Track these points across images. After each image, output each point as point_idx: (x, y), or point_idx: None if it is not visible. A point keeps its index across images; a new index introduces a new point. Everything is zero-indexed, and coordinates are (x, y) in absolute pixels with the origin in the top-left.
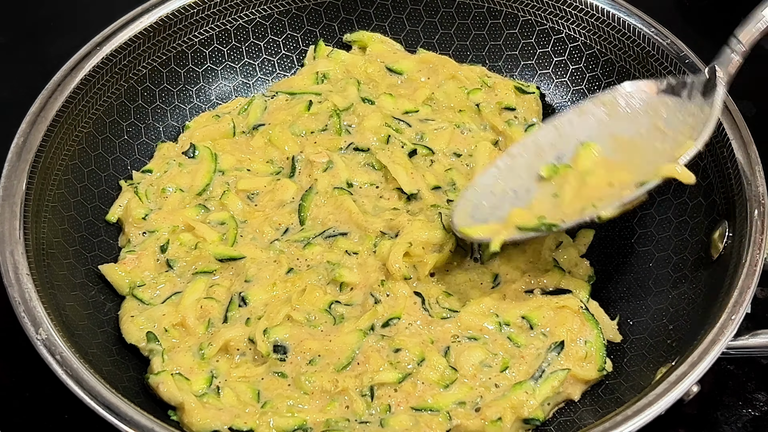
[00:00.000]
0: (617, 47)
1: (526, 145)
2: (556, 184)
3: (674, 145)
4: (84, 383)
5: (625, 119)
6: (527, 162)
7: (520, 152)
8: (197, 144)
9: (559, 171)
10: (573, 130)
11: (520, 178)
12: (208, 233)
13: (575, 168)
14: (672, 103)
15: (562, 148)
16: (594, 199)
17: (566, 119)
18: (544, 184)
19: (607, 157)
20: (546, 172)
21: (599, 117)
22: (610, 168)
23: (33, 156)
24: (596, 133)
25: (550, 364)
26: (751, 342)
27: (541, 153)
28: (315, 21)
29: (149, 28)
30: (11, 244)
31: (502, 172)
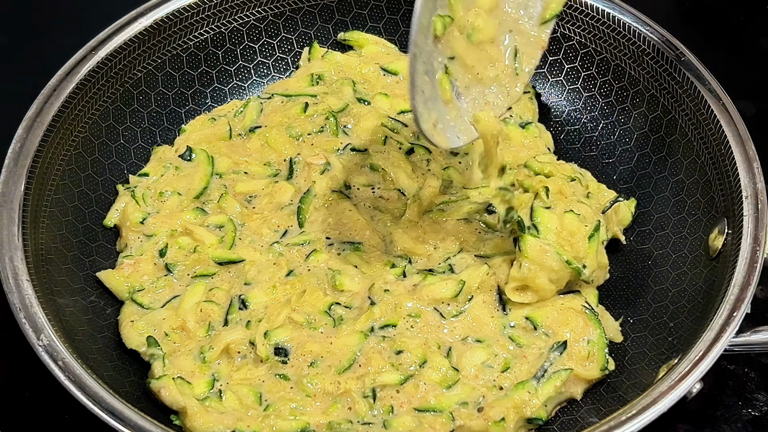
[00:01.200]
0: (612, 46)
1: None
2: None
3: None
4: (87, 389)
5: None
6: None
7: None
8: (193, 147)
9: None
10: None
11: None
12: (206, 237)
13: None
14: None
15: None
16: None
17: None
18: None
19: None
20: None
21: None
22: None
23: (30, 161)
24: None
25: (552, 364)
26: (753, 339)
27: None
28: (309, 23)
29: (144, 31)
30: (10, 250)
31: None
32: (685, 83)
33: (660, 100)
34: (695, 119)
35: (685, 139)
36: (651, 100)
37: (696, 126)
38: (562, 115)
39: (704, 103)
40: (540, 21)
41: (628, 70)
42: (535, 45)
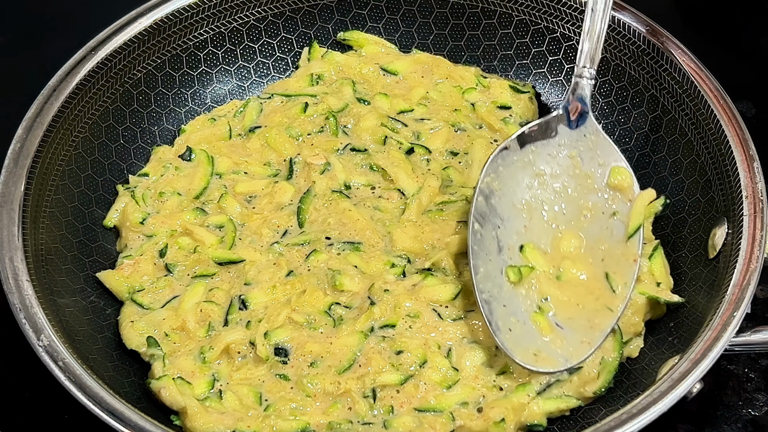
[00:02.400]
0: (612, 45)
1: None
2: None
3: (584, 179)
4: (87, 389)
5: (511, 182)
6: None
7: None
8: (193, 147)
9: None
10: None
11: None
12: (206, 237)
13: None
14: (535, 148)
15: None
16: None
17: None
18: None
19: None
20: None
21: (489, 194)
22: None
23: (30, 161)
24: (501, 210)
25: (558, 381)
26: (753, 338)
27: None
28: (309, 23)
29: (144, 32)
30: (11, 250)
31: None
32: (685, 83)
33: (660, 100)
34: (695, 119)
35: (685, 139)
36: (651, 100)
37: (696, 126)
38: None
39: (704, 103)
40: (626, 238)
41: (628, 70)
42: (627, 261)
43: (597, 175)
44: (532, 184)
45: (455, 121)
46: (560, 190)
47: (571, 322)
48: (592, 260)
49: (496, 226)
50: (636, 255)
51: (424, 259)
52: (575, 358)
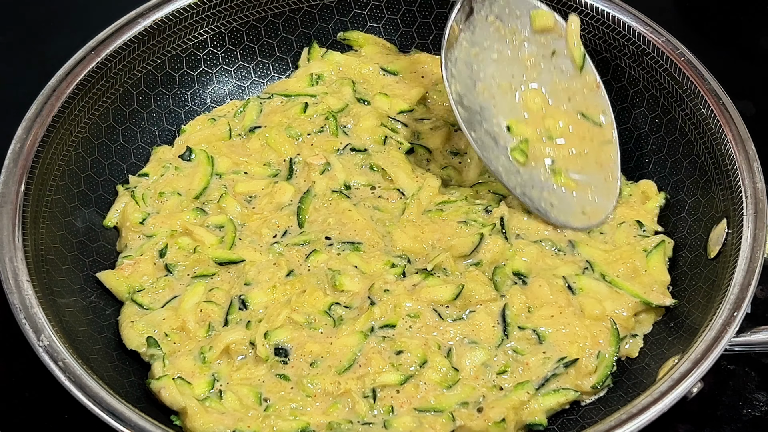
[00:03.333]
0: (612, 46)
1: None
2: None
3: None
4: (88, 389)
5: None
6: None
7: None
8: (193, 147)
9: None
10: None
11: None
12: (206, 237)
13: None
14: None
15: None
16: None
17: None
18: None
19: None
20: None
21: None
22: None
23: (30, 162)
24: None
25: (555, 375)
26: (753, 338)
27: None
28: (309, 23)
29: (143, 32)
30: (11, 250)
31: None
32: (684, 83)
33: (660, 100)
34: (695, 119)
35: (685, 139)
36: (651, 100)
37: (696, 126)
38: None
39: (704, 102)
40: (579, 69)
41: (628, 70)
42: (591, 91)
43: (520, 27)
44: (478, 66)
45: (455, 121)
46: (499, 58)
47: (584, 170)
48: (564, 107)
49: (480, 123)
50: (595, 81)
51: (425, 260)
52: (611, 195)
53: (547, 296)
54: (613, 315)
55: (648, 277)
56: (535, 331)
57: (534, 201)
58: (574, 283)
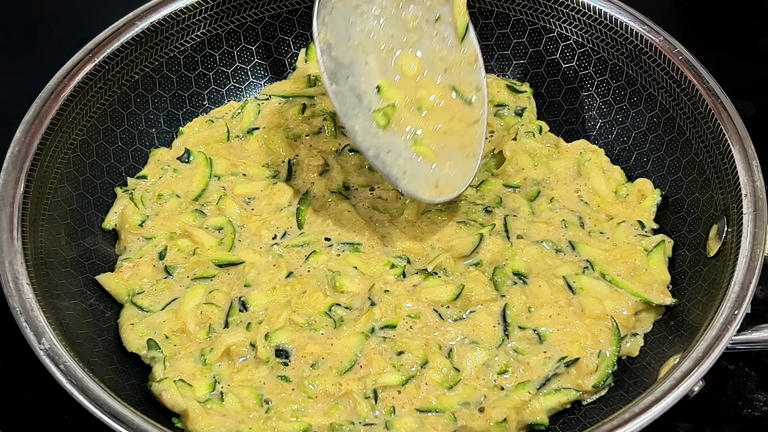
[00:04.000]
0: (610, 45)
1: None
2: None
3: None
4: (89, 392)
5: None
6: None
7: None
8: (191, 149)
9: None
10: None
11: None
12: (205, 239)
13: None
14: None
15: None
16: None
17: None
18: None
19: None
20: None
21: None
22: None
23: (29, 164)
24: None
25: (556, 375)
26: (754, 336)
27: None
28: (306, 24)
29: (141, 34)
30: (10, 253)
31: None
32: (683, 82)
33: (658, 99)
34: (693, 118)
35: (683, 138)
36: (649, 99)
37: (694, 125)
38: (560, 115)
39: (702, 101)
40: (459, 40)
41: (626, 70)
42: (468, 65)
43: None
44: (356, 20)
45: None
46: (380, 14)
47: (446, 147)
48: (439, 79)
49: (346, 77)
50: (474, 54)
51: (425, 260)
52: (469, 172)
53: (548, 296)
54: (614, 314)
55: (648, 276)
56: (535, 331)
57: (387, 166)
58: (574, 282)
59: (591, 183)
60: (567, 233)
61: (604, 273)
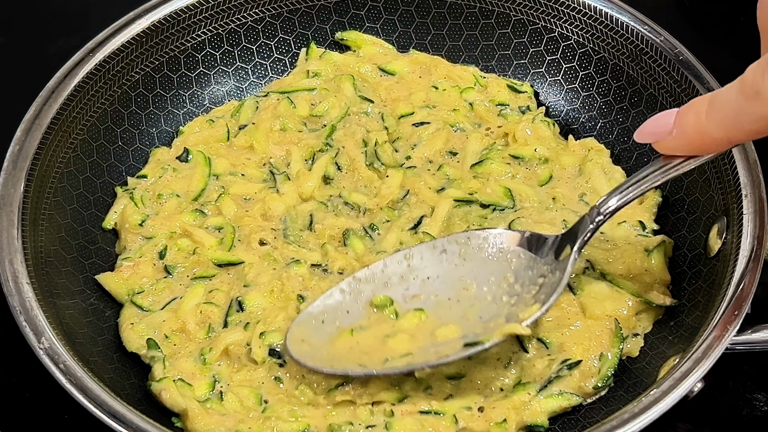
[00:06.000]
0: (610, 45)
1: (374, 271)
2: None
3: (519, 303)
4: (89, 392)
5: (477, 263)
6: (372, 289)
7: (367, 277)
8: (191, 149)
9: (387, 310)
10: (423, 265)
11: (357, 303)
12: (205, 238)
13: (400, 319)
14: (525, 258)
15: (408, 284)
16: (405, 351)
17: (418, 251)
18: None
19: (437, 311)
20: (376, 302)
21: (452, 256)
22: (440, 321)
23: (29, 164)
24: (445, 272)
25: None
26: (754, 337)
27: (387, 283)
28: (307, 24)
29: (141, 33)
30: (10, 252)
31: (344, 294)
32: (683, 82)
33: (658, 99)
34: None
35: None
36: (649, 100)
37: None
38: (561, 115)
39: None
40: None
41: (627, 70)
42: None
43: (525, 307)
44: (493, 280)
45: (454, 122)
46: (500, 300)
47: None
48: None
49: (426, 276)
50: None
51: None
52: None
53: None
54: (614, 314)
55: (649, 277)
56: (540, 340)
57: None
58: (574, 283)
59: (592, 183)
60: None
61: (605, 273)
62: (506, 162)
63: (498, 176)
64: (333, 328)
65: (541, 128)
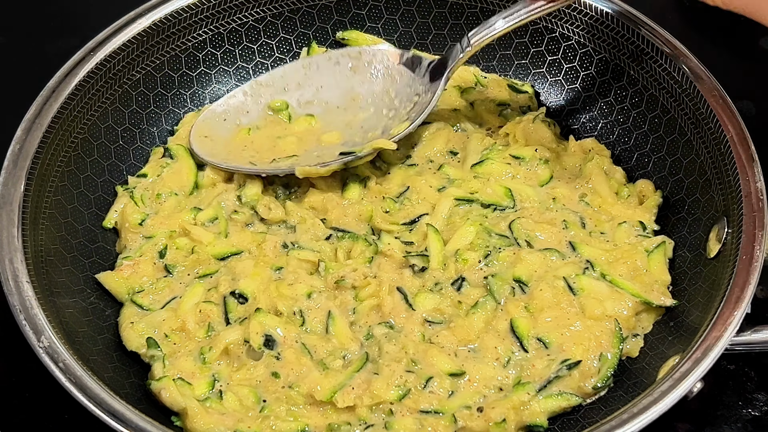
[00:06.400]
0: (611, 45)
1: (274, 76)
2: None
3: (395, 118)
4: (88, 391)
5: (365, 76)
6: (271, 93)
7: (268, 82)
8: (169, 146)
9: (282, 113)
10: (318, 74)
11: (257, 104)
12: (203, 236)
13: (290, 125)
14: (405, 76)
15: (304, 91)
16: (291, 152)
17: (315, 61)
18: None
19: (325, 117)
20: (273, 105)
21: (344, 68)
22: (327, 127)
23: (29, 163)
24: (336, 82)
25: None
26: (754, 338)
27: (286, 88)
28: (308, 23)
29: (142, 32)
30: (10, 251)
31: (246, 96)
32: (684, 83)
33: (659, 100)
34: (694, 119)
35: (684, 139)
36: (650, 100)
37: (695, 125)
38: (561, 115)
39: (703, 102)
40: None
41: (627, 70)
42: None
43: (398, 121)
44: (376, 91)
45: (455, 121)
46: (379, 113)
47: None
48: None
49: (320, 85)
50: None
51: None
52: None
53: (549, 300)
54: (614, 314)
55: (649, 277)
56: (540, 340)
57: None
58: (574, 283)
59: (592, 183)
60: (568, 233)
61: (605, 273)
62: (507, 162)
63: (498, 176)
64: (233, 126)
65: (542, 128)
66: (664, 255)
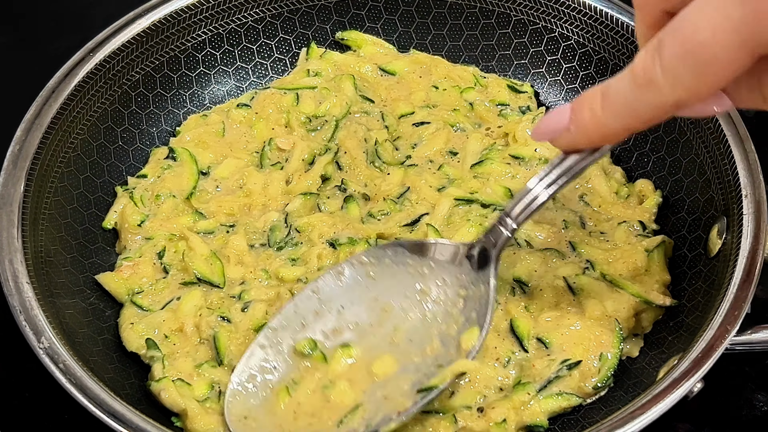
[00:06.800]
0: (610, 45)
1: (286, 315)
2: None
3: (448, 319)
4: (89, 392)
5: (384, 280)
6: (290, 335)
7: (281, 323)
8: (175, 147)
9: (313, 355)
10: (332, 295)
11: (281, 354)
12: (198, 246)
13: (329, 365)
14: (435, 267)
15: (325, 319)
16: (352, 403)
17: (323, 282)
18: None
19: (363, 342)
20: (299, 349)
21: (357, 278)
22: (371, 354)
23: (29, 163)
24: (356, 297)
25: (558, 377)
26: (754, 337)
27: (303, 323)
28: (307, 24)
29: (142, 33)
30: (10, 252)
31: (264, 349)
32: None
33: None
34: (694, 118)
35: (684, 138)
36: None
37: (695, 125)
38: None
39: None
40: (419, 389)
41: None
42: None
43: (456, 326)
44: (409, 294)
45: (454, 122)
46: (424, 318)
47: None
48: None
49: (340, 306)
50: (404, 408)
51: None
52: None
53: (549, 300)
54: (614, 314)
55: (648, 277)
56: (539, 339)
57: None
58: (574, 283)
59: (592, 183)
60: (568, 233)
61: (605, 273)
62: (506, 162)
63: (498, 176)
64: (266, 392)
65: None
66: (664, 254)
